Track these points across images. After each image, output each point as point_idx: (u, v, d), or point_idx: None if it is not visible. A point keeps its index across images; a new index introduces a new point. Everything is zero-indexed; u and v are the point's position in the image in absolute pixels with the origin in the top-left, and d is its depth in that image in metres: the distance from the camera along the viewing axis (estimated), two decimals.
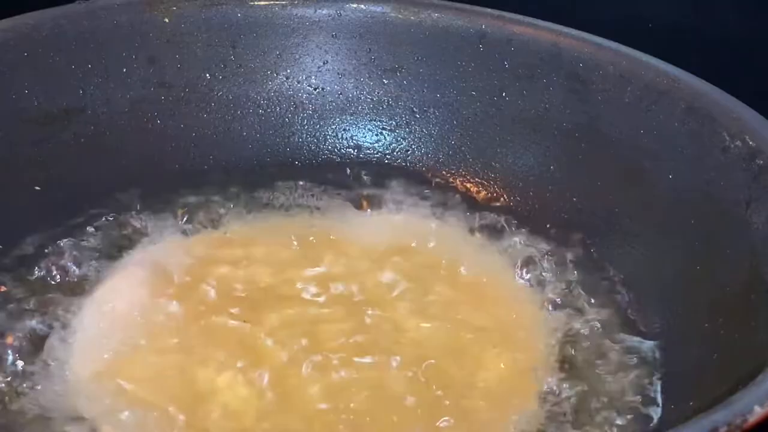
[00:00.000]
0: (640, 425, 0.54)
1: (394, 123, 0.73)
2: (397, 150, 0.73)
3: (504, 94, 0.70)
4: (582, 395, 0.56)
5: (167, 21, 0.71)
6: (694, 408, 0.49)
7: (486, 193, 0.70)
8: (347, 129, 0.73)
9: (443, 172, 0.72)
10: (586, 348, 0.59)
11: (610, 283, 0.63)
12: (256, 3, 0.72)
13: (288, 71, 0.73)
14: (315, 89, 0.73)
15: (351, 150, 0.73)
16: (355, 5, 0.72)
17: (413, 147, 0.73)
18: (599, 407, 0.55)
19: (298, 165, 0.72)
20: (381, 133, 0.73)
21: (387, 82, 0.72)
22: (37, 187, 0.66)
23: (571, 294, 0.62)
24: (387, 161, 0.73)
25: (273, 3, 0.72)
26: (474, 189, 0.71)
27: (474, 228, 0.68)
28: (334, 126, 0.73)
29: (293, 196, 0.70)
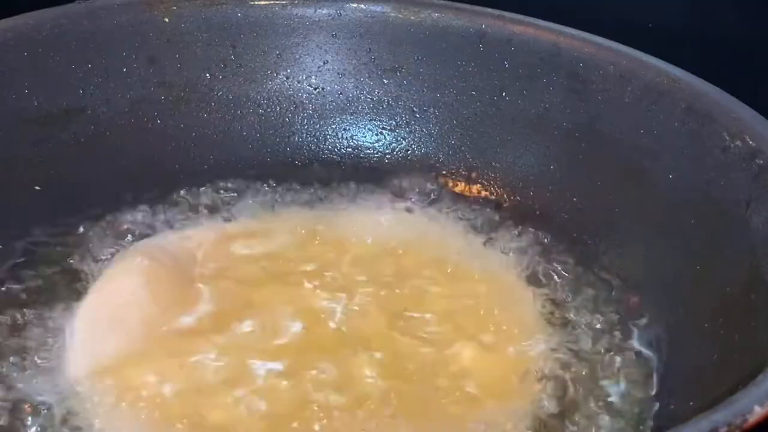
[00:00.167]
0: (639, 425, 0.54)
1: (394, 123, 0.73)
2: (397, 150, 0.73)
3: (504, 94, 0.70)
4: (581, 395, 0.56)
5: (167, 21, 0.71)
6: (694, 408, 0.49)
7: (486, 193, 0.70)
8: (347, 129, 0.73)
9: (443, 171, 0.72)
10: (584, 348, 0.59)
11: (609, 283, 0.63)
12: (256, 3, 0.72)
13: (288, 71, 0.73)
14: (315, 89, 0.73)
15: (351, 150, 0.73)
16: (355, 5, 0.72)
17: (413, 147, 0.73)
18: (598, 407, 0.55)
19: (298, 165, 0.72)
20: (381, 133, 0.73)
21: (387, 82, 0.72)
22: (37, 187, 0.66)
23: (571, 294, 0.63)
24: (387, 161, 0.73)
25: (273, 3, 0.73)
26: (474, 188, 0.71)
27: (473, 227, 0.68)
28: (334, 126, 0.73)
29: (293, 195, 0.70)
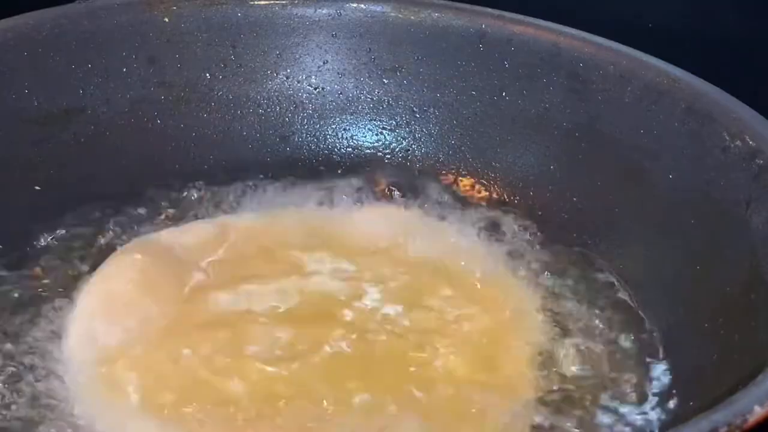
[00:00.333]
0: (639, 425, 0.54)
1: (394, 123, 0.73)
2: (398, 150, 0.73)
3: (504, 93, 0.70)
4: (580, 395, 0.56)
5: (167, 21, 0.71)
6: (694, 408, 0.49)
7: (486, 193, 0.70)
8: (347, 129, 0.73)
9: (443, 171, 0.72)
10: (584, 347, 0.59)
11: (609, 283, 0.63)
12: (256, 3, 0.72)
13: (288, 71, 0.73)
14: (315, 89, 0.73)
15: (351, 150, 0.73)
16: (355, 5, 0.72)
17: (413, 146, 0.73)
18: (598, 407, 0.55)
19: (298, 165, 0.72)
20: (381, 133, 0.73)
21: (387, 81, 0.72)
22: (37, 187, 0.66)
23: (570, 293, 0.63)
24: (387, 161, 0.73)
25: (273, 3, 0.72)
26: (474, 188, 0.71)
27: (473, 227, 0.68)
28: (334, 126, 0.73)
29: (293, 195, 0.70)
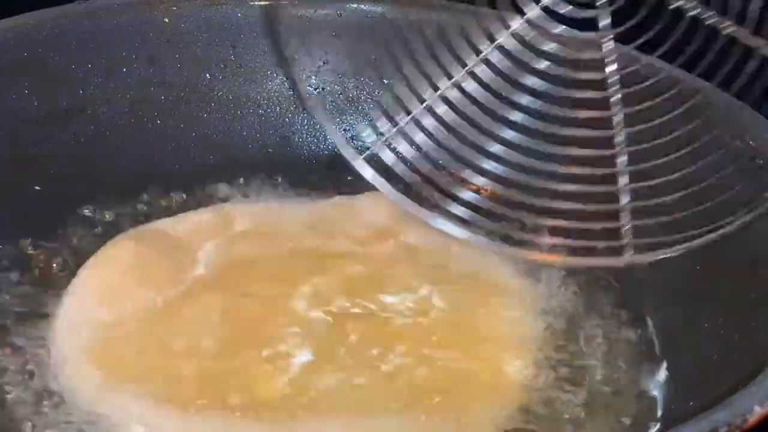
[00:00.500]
0: (640, 425, 0.54)
1: (394, 123, 0.73)
2: (398, 150, 0.73)
3: (504, 93, 0.70)
4: (580, 395, 0.56)
5: (167, 21, 0.71)
6: (694, 408, 0.49)
7: (486, 193, 0.70)
8: (347, 129, 0.73)
9: (443, 171, 0.71)
10: (584, 347, 0.59)
11: (607, 283, 0.63)
12: (256, 3, 0.72)
13: (288, 71, 0.73)
14: (315, 89, 0.73)
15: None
16: (355, 5, 0.72)
17: (413, 147, 0.72)
18: (597, 408, 0.55)
19: (298, 165, 0.72)
20: (381, 133, 0.73)
21: (387, 82, 0.72)
22: (37, 187, 0.66)
23: (569, 294, 0.62)
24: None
25: (273, 3, 0.72)
26: (473, 188, 0.71)
27: (472, 226, 0.68)
28: (334, 126, 0.73)
29: (293, 195, 0.70)
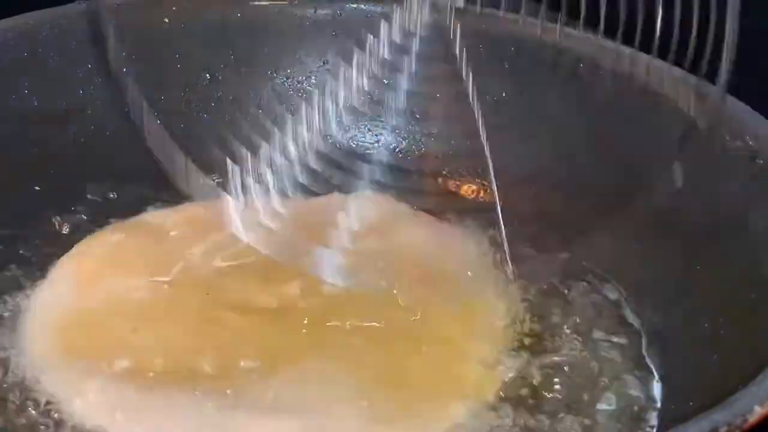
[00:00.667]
0: (639, 425, 0.54)
1: (394, 123, 0.73)
2: (398, 150, 0.73)
3: (504, 93, 0.70)
4: (580, 395, 0.56)
5: (167, 21, 0.71)
6: (694, 408, 0.49)
7: (485, 193, 0.70)
8: (347, 129, 0.73)
9: (443, 171, 0.72)
10: (585, 348, 0.59)
11: (606, 282, 0.63)
12: (256, 3, 0.72)
13: (288, 71, 0.73)
14: (315, 89, 0.73)
15: (351, 150, 0.73)
16: (355, 5, 0.72)
17: (413, 147, 0.73)
18: (597, 408, 0.55)
19: (298, 165, 0.72)
20: (381, 133, 0.73)
21: (387, 82, 0.72)
22: (37, 187, 0.66)
23: (570, 294, 0.63)
24: (387, 161, 0.73)
25: (273, 3, 0.72)
26: (473, 188, 0.71)
27: (472, 226, 0.68)
28: (334, 126, 0.73)
29: (293, 195, 0.70)
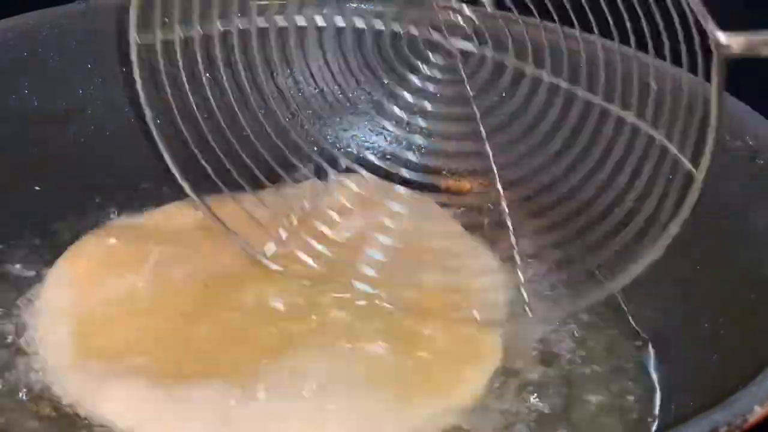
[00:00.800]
0: (639, 426, 0.54)
1: (394, 122, 0.73)
2: (398, 150, 0.73)
3: (503, 93, 0.70)
4: (580, 395, 0.56)
5: (167, 21, 0.70)
6: (694, 408, 0.49)
7: (485, 193, 0.70)
8: (347, 129, 0.73)
9: (443, 171, 0.72)
10: (584, 348, 0.59)
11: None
12: (255, 3, 0.72)
13: (288, 71, 0.73)
14: (315, 89, 0.73)
15: (351, 150, 0.73)
16: (355, 5, 0.72)
17: (413, 147, 0.73)
18: (597, 408, 0.55)
19: (298, 165, 0.72)
20: (381, 133, 0.73)
21: (387, 82, 0.72)
22: (37, 187, 0.66)
23: (570, 293, 0.62)
24: (387, 161, 0.73)
25: (273, 3, 0.72)
26: (474, 189, 0.71)
27: (472, 226, 0.68)
28: (334, 126, 0.73)
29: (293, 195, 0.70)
